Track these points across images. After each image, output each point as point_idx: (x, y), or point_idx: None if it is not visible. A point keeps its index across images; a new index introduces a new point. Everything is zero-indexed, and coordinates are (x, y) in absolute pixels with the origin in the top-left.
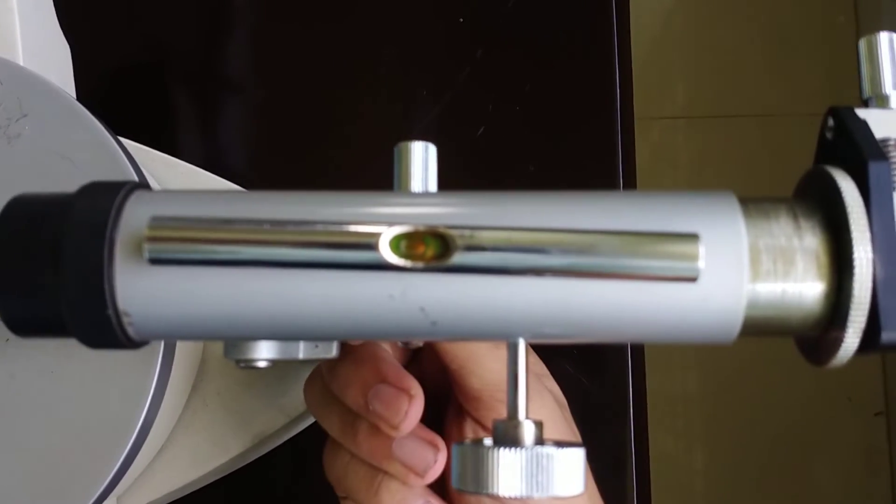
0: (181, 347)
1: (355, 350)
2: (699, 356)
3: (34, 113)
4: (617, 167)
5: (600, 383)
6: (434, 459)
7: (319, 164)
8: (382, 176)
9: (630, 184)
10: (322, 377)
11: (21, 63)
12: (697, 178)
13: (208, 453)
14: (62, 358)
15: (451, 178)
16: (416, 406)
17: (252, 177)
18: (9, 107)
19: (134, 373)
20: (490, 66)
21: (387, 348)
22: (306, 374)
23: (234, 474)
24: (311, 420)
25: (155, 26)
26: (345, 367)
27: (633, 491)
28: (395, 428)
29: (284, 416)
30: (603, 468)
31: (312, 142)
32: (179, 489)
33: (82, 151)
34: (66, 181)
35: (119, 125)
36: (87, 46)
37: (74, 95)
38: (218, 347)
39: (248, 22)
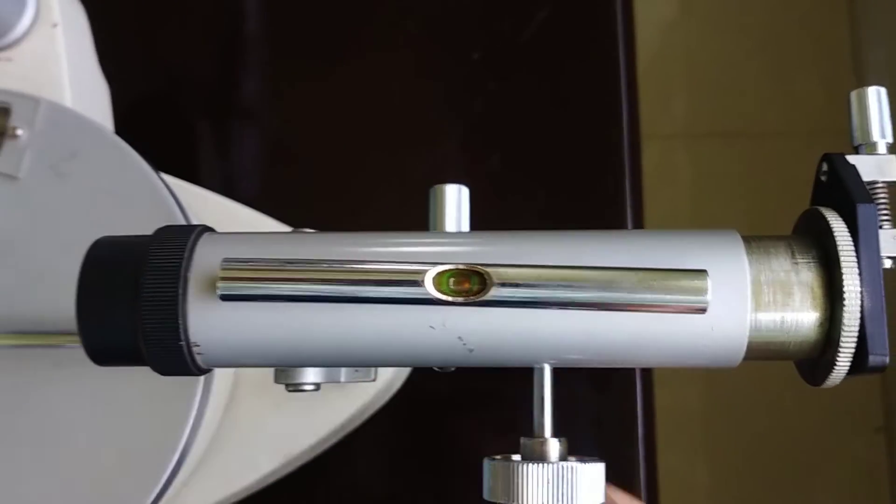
0: (217, 372)
1: None
2: (701, 373)
3: (83, 153)
4: (624, 189)
5: (609, 400)
6: None
7: (343, 197)
8: (402, 207)
9: (636, 204)
10: None
11: (69, 105)
12: (699, 196)
13: (240, 472)
14: (110, 383)
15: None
16: None
17: (269, 208)
18: (60, 148)
19: (177, 398)
20: (503, 98)
21: None
22: (332, 395)
23: (265, 491)
24: (337, 437)
25: (180, 61)
26: None
27: None
28: None
29: (313, 434)
30: (613, 483)
31: (332, 175)
32: None
33: (128, 188)
34: (114, 217)
35: (148, 158)
36: (115, 82)
37: (113, 131)
38: (250, 371)
39: (272, 60)
